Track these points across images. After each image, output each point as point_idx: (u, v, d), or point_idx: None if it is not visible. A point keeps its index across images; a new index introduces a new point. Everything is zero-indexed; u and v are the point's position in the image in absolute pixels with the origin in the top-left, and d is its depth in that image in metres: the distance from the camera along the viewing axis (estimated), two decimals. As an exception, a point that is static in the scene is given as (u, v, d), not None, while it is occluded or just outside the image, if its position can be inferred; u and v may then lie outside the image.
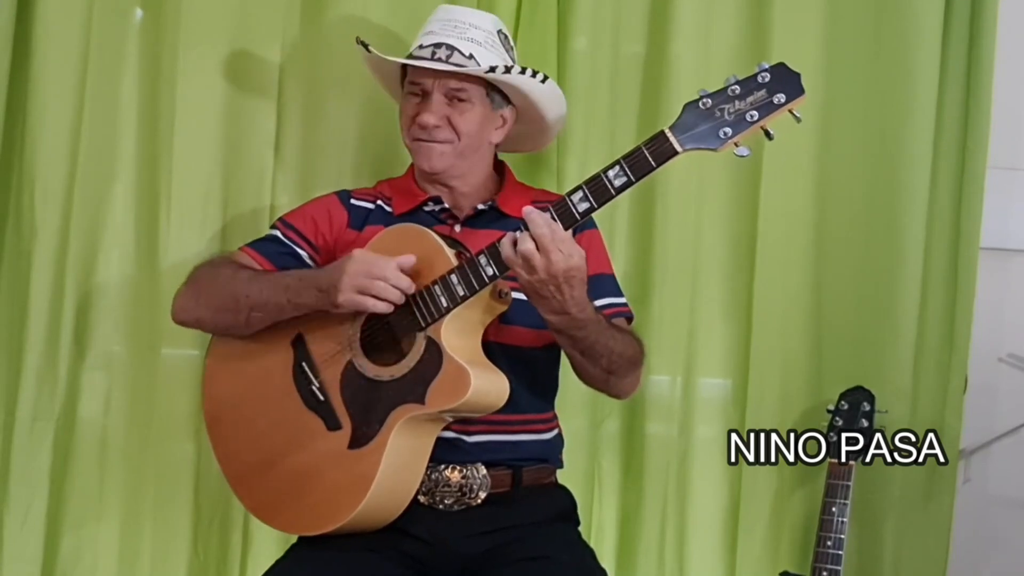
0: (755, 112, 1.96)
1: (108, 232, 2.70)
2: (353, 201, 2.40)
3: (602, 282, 2.32)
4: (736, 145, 1.98)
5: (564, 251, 2.00)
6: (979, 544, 2.90)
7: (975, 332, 2.78)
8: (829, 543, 2.59)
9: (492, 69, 2.28)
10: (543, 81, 2.35)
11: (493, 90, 2.35)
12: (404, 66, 2.37)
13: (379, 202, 2.40)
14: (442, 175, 2.34)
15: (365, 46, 2.35)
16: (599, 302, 2.24)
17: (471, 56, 2.29)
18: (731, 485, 2.80)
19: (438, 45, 2.30)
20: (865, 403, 2.65)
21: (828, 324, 2.82)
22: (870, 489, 2.74)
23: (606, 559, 2.62)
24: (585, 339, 2.14)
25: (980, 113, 2.77)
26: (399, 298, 2.12)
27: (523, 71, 2.32)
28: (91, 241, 2.69)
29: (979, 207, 2.77)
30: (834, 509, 2.60)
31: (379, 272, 2.11)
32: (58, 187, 2.65)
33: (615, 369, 2.22)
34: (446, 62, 2.28)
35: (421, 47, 2.32)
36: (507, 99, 2.37)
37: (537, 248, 1.99)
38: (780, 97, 1.96)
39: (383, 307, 2.12)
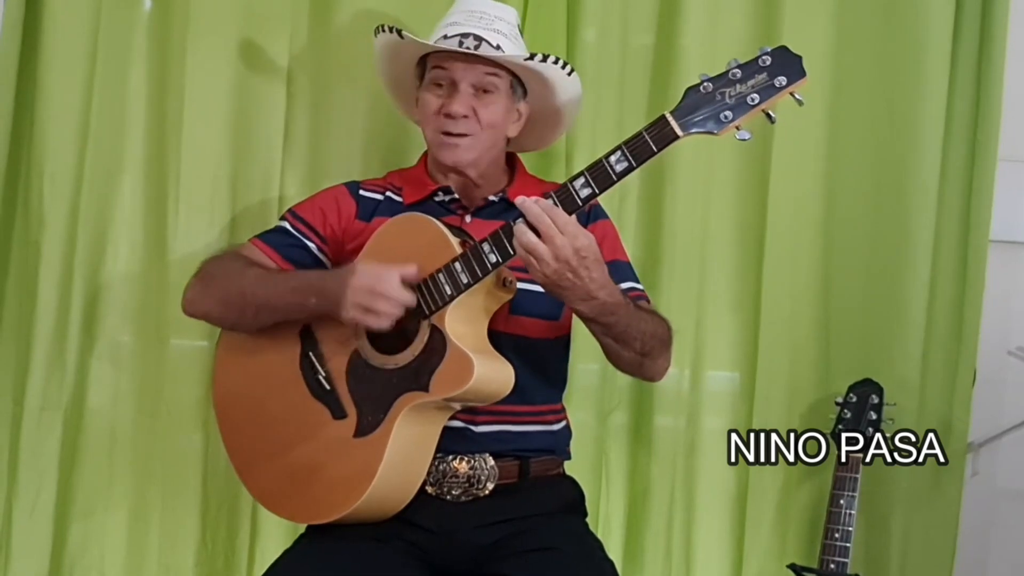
0: (756, 95, 1.96)
1: (116, 223, 2.70)
2: (362, 192, 2.39)
3: (619, 268, 2.31)
4: (737, 129, 1.98)
5: (568, 233, 1.97)
6: (987, 537, 2.90)
7: (984, 325, 2.78)
8: (837, 535, 2.59)
9: (531, 57, 2.28)
10: (569, 74, 2.35)
11: (517, 83, 2.34)
12: (423, 59, 2.35)
13: (388, 193, 2.39)
14: (463, 167, 2.33)
15: (398, 32, 2.30)
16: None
17: (499, 47, 2.27)
18: (738, 478, 2.80)
19: (465, 35, 2.27)
20: (873, 396, 2.64)
21: (836, 317, 2.82)
22: (878, 482, 2.74)
23: (613, 551, 2.61)
24: (617, 324, 2.12)
25: (990, 105, 2.77)
26: (401, 312, 2.11)
27: (556, 61, 2.30)
28: (99, 232, 2.69)
29: (989, 200, 2.77)
30: (842, 501, 2.60)
31: (382, 289, 2.10)
32: (67, 178, 2.66)
33: (649, 351, 2.20)
34: (474, 52, 2.26)
35: (446, 37, 2.28)
36: (525, 93, 2.37)
37: (539, 236, 1.98)
38: (781, 80, 1.95)
39: (386, 324, 2.11)
